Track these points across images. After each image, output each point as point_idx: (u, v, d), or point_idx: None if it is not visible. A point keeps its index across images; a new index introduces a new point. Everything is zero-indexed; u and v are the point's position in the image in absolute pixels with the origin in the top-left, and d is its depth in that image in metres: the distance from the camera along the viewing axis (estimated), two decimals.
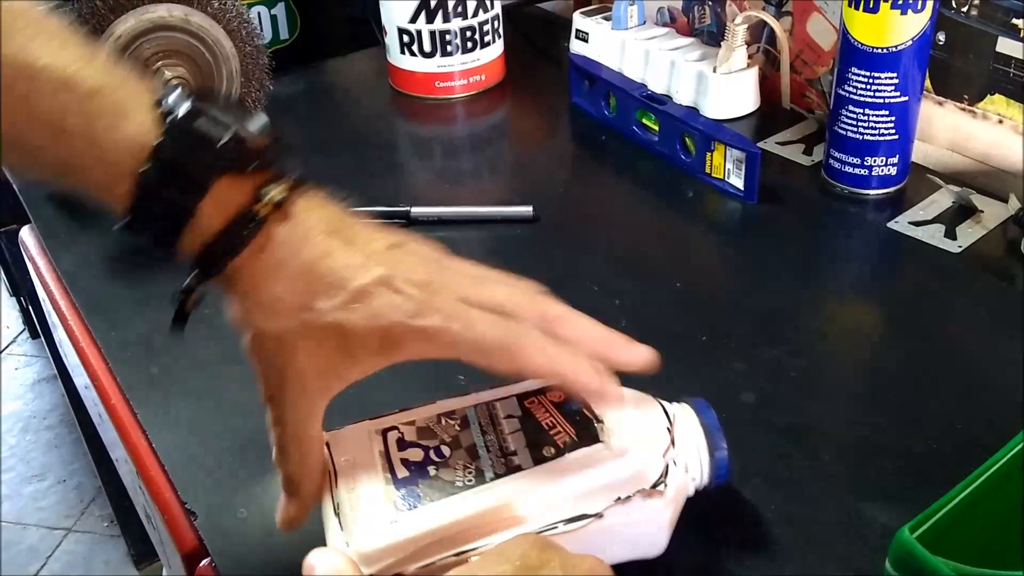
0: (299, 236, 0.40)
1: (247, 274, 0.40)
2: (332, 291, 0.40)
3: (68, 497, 1.77)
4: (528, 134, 0.93)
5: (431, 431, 0.45)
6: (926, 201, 0.73)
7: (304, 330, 0.40)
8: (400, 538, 0.40)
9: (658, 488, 0.43)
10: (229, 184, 0.39)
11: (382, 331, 0.40)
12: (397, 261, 0.41)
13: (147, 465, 0.56)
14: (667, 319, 0.64)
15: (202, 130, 0.39)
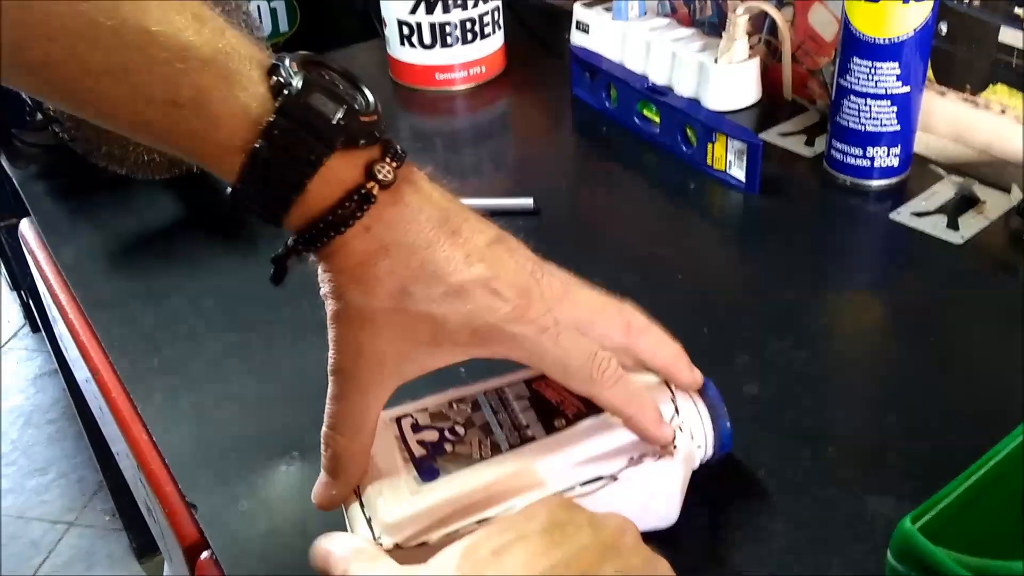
0: (406, 220, 0.40)
1: (349, 251, 0.40)
2: (432, 282, 0.40)
3: (70, 491, 1.77)
4: (529, 126, 0.92)
5: (443, 415, 0.46)
6: (928, 192, 0.73)
7: (396, 314, 0.40)
8: (422, 507, 0.41)
9: (667, 448, 0.44)
10: (340, 160, 0.39)
11: (474, 329, 0.41)
12: (497, 261, 0.41)
13: (148, 458, 0.56)
14: (668, 311, 0.64)
15: (316, 106, 0.38)
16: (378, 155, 0.40)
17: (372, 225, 0.40)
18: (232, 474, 0.54)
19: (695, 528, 0.48)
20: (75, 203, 0.80)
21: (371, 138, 0.40)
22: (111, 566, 1.62)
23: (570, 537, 0.34)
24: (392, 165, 0.40)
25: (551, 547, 0.33)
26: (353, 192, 0.39)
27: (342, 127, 0.38)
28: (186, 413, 0.58)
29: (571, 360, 0.42)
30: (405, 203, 0.40)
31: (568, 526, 0.34)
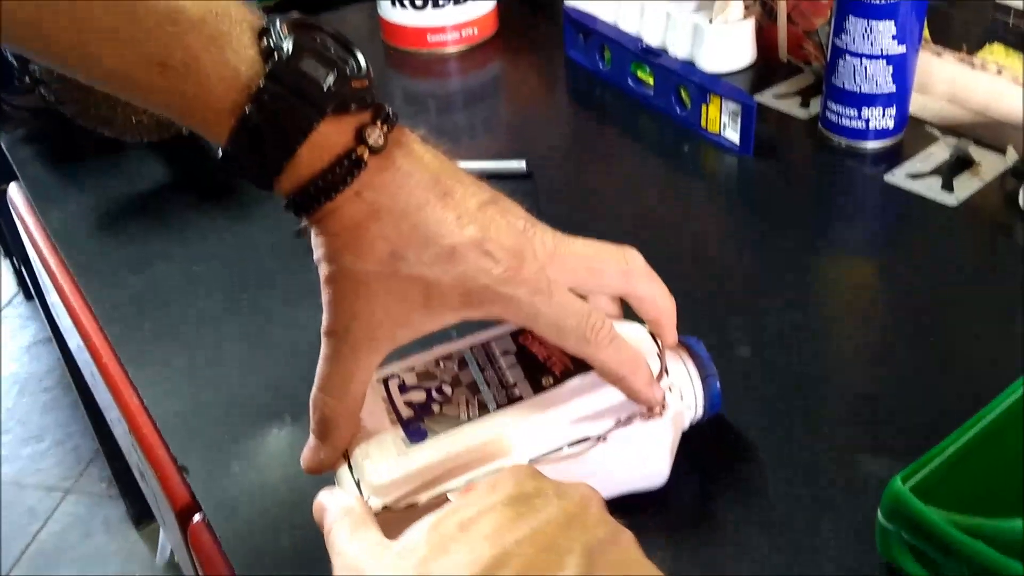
0: (397, 184, 0.40)
1: (341, 216, 0.40)
2: (423, 245, 0.40)
3: (66, 459, 1.78)
4: (522, 88, 0.92)
5: (430, 374, 0.46)
6: (923, 154, 0.73)
7: (388, 278, 0.40)
8: (410, 469, 0.41)
9: (656, 409, 0.44)
10: (331, 125, 0.38)
11: (467, 291, 0.41)
12: (489, 221, 0.41)
13: (139, 423, 0.56)
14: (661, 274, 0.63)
15: (307, 71, 0.38)
16: (369, 119, 0.39)
17: (363, 190, 0.39)
18: (223, 438, 0.54)
19: (685, 488, 0.48)
20: (63, 167, 0.79)
21: (362, 103, 0.39)
22: (108, 533, 1.63)
23: (536, 509, 0.34)
24: (383, 129, 0.39)
25: (517, 519, 0.33)
26: (343, 157, 0.39)
27: (333, 92, 0.38)
28: (177, 377, 0.58)
29: (565, 321, 0.42)
30: (396, 167, 0.40)
31: (534, 498, 0.34)
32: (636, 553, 0.34)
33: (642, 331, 0.47)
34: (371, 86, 0.40)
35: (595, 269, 0.44)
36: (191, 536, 0.51)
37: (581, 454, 0.43)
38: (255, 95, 0.37)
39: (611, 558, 0.33)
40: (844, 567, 0.44)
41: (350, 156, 0.39)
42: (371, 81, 0.40)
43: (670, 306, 0.47)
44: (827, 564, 0.44)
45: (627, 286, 0.45)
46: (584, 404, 0.44)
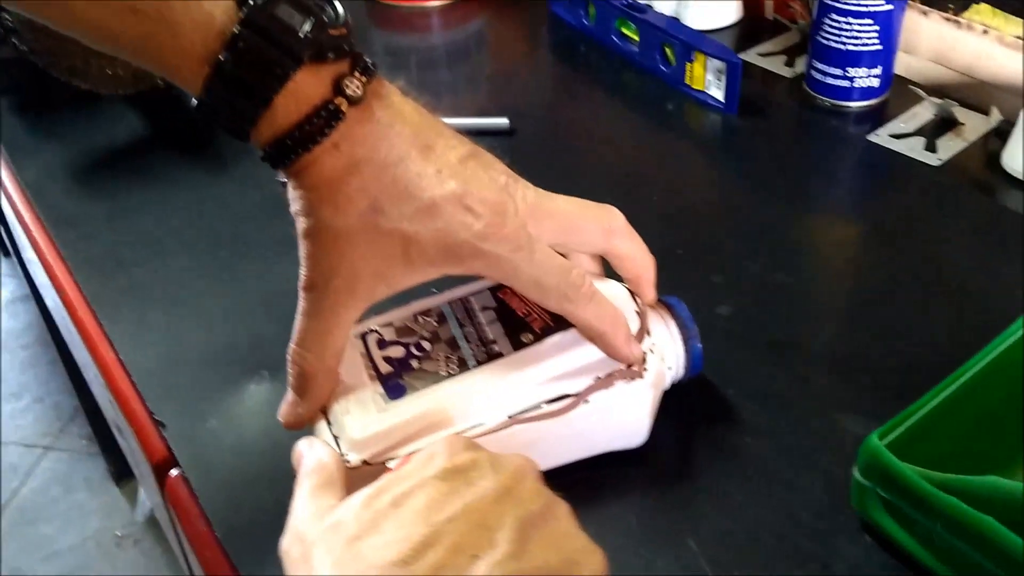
0: (376, 136, 0.39)
1: (318, 169, 0.39)
2: (403, 199, 0.39)
3: (46, 416, 1.77)
4: (506, 44, 0.90)
5: (409, 329, 0.46)
6: (907, 114, 0.72)
7: (368, 232, 0.40)
8: (389, 424, 0.41)
9: (636, 369, 0.44)
10: (308, 74, 0.37)
11: (446, 246, 0.40)
12: (470, 176, 0.40)
13: (115, 377, 0.56)
14: (643, 232, 0.63)
15: (283, 18, 0.37)
16: (347, 69, 0.39)
17: (341, 142, 0.38)
18: (200, 393, 0.53)
19: (665, 444, 0.48)
20: (37, 120, 0.78)
21: (340, 52, 0.38)
22: (88, 489, 1.63)
23: (470, 483, 0.33)
24: (362, 80, 0.38)
25: (450, 495, 0.32)
26: (321, 108, 0.38)
27: (309, 40, 0.37)
28: (154, 332, 0.58)
29: (545, 278, 0.42)
30: (375, 119, 0.39)
31: (469, 471, 0.34)
32: (570, 525, 0.34)
33: (622, 290, 0.47)
34: (349, 34, 0.39)
35: (576, 226, 0.43)
36: (168, 491, 0.51)
37: (561, 413, 0.43)
38: (229, 42, 0.37)
39: (544, 532, 0.33)
40: (819, 521, 0.44)
41: (328, 107, 0.38)
42: (349, 29, 0.39)
43: (649, 265, 0.46)
44: (803, 517, 0.44)
45: (607, 244, 0.45)
46: (564, 361, 0.44)
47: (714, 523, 0.45)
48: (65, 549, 1.54)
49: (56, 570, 1.51)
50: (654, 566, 0.43)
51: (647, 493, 0.46)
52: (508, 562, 0.31)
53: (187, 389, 0.54)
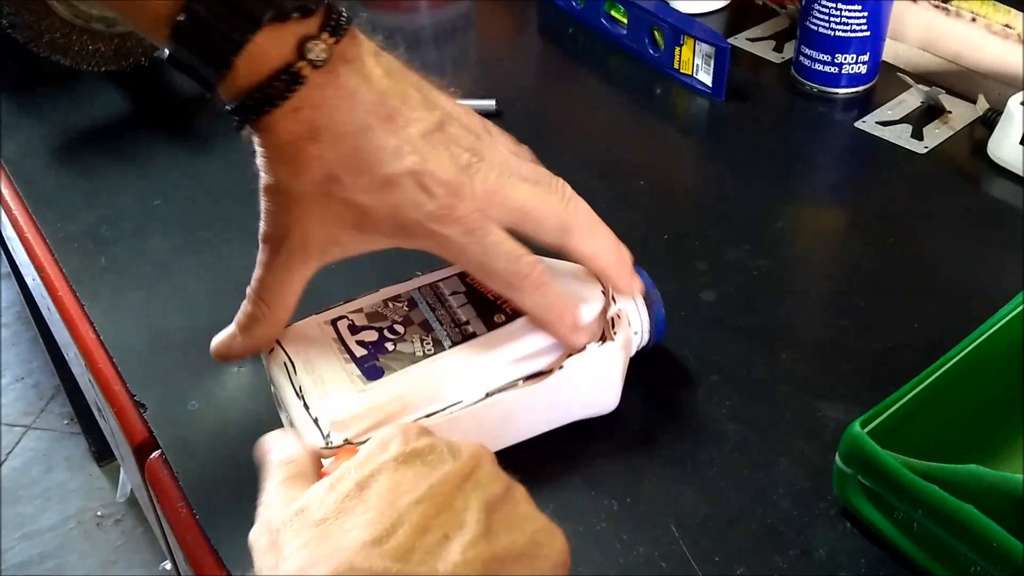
0: (337, 102, 0.38)
1: (278, 132, 0.38)
2: (359, 171, 0.39)
3: (27, 395, 1.76)
4: (494, 25, 0.90)
5: (380, 315, 0.45)
6: (894, 101, 0.72)
7: (322, 198, 0.40)
8: (369, 404, 0.41)
9: (607, 337, 0.45)
10: (271, 35, 0.37)
11: (398, 222, 0.40)
12: (431, 152, 0.39)
13: (95, 358, 0.55)
14: (629, 217, 0.63)
15: None
16: (315, 30, 0.38)
17: (301, 107, 0.38)
18: (181, 374, 0.53)
19: (647, 430, 0.48)
20: (17, 96, 0.77)
21: (305, 11, 0.37)
22: (69, 469, 1.63)
23: (431, 467, 0.33)
24: (329, 41, 0.38)
25: (414, 477, 0.32)
26: (282, 71, 0.37)
27: (268, 3, 0.37)
28: (134, 312, 0.57)
29: (493, 264, 0.41)
30: (339, 84, 0.38)
31: (427, 455, 0.34)
32: (529, 507, 0.34)
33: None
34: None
35: (530, 219, 0.42)
36: (148, 472, 0.50)
37: (538, 380, 0.44)
38: (185, 5, 0.36)
39: (506, 514, 0.33)
40: (800, 507, 0.44)
41: (289, 70, 0.37)
42: None
43: (614, 260, 0.46)
44: (784, 503, 0.45)
45: (562, 242, 0.44)
46: (538, 338, 0.44)
47: (695, 508, 0.45)
48: (45, 528, 1.53)
49: (36, 549, 1.50)
50: (635, 551, 0.43)
51: (628, 478, 0.46)
52: (480, 542, 0.31)
53: (168, 370, 0.53)
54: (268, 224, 0.42)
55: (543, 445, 0.48)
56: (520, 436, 0.46)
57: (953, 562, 0.39)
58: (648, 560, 0.43)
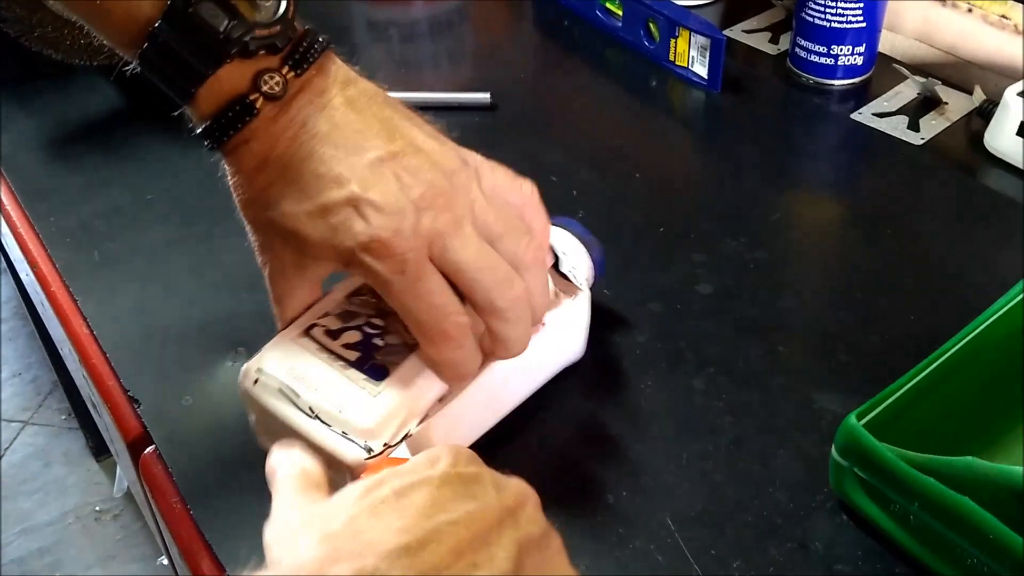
0: (288, 134, 0.39)
1: (234, 160, 0.40)
2: (301, 198, 0.39)
3: (24, 390, 1.76)
4: (488, 18, 0.89)
5: (351, 313, 0.44)
6: (891, 92, 0.72)
7: (273, 226, 0.40)
8: (390, 404, 0.40)
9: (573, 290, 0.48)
10: (231, 69, 0.38)
11: (336, 250, 0.39)
12: (377, 181, 0.38)
13: (89, 353, 0.55)
14: (625, 210, 0.63)
15: (204, 17, 0.37)
16: (276, 64, 0.38)
17: (252, 139, 0.39)
18: (175, 369, 0.53)
19: (642, 422, 0.48)
20: (10, 90, 0.76)
21: (271, 49, 0.38)
22: (67, 464, 1.62)
23: (474, 494, 0.32)
24: (288, 75, 0.38)
25: (454, 499, 0.31)
26: (236, 103, 0.38)
27: (232, 40, 0.37)
28: (128, 307, 0.57)
29: (417, 312, 0.39)
30: (291, 116, 0.39)
31: (472, 483, 0.33)
32: (562, 559, 0.33)
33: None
34: (286, 29, 0.39)
35: (466, 281, 0.40)
36: (143, 468, 0.50)
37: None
38: (150, 36, 0.37)
39: (538, 559, 0.32)
40: (797, 499, 0.44)
41: (242, 102, 0.38)
42: (287, 24, 0.39)
43: (510, 353, 0.43)
44: (780, 496, 0.44)
45: (477, 312, 0.41)
46: None
47: (692, 501, 0.45)
48: (44, 523, 1.53)
49: (35, 544, 1.50)
50: (631, 544, 0.43)
51: (623, 472, 0.46)
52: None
53: (162, 365, 0.53)
54: (256, 250, 0.43)
55: (538, 439, 0.48)
56: (516, 399, 0.47)
57: (950, 554, 0.39)
58: (644, 554, 0.43)
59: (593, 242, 0.52)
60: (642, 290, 0.56)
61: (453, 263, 0.39)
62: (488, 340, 0.42)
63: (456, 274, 0.40)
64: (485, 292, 0.40)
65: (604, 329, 0.53)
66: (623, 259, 0.58)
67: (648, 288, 0.56)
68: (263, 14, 0.38)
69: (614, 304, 0.55)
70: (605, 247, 0.52)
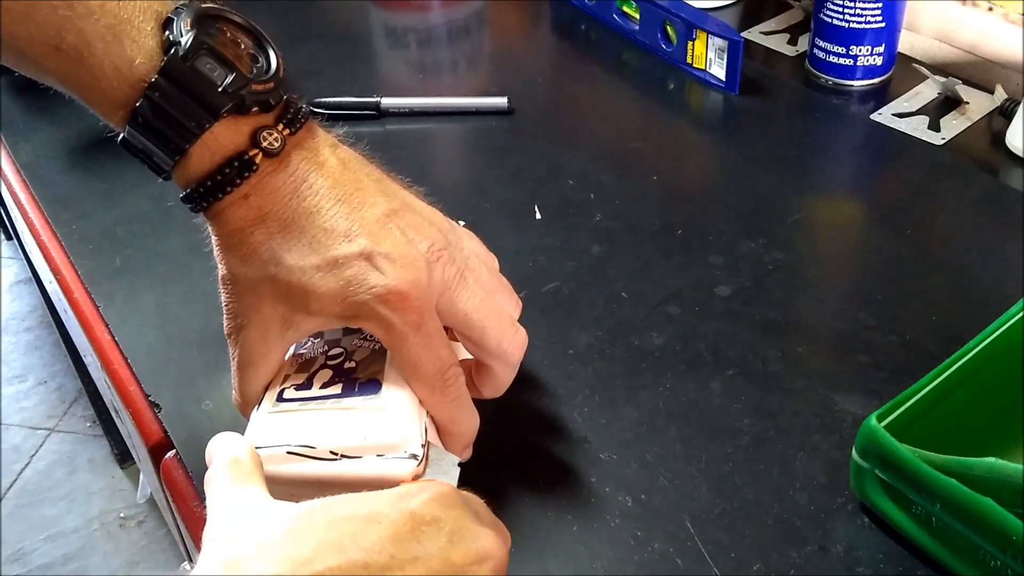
0: (288, 188, 0.38)
1: (228, 218, 0.39)
2: (306, 253, 0.38)
3: (50, 398, 1.77)
4: (506, 22, 0.89)
5: (306, 361, 0.43)
6: (911, 92, 0.72)
7: (272, 282, 0.39)
8: (403, 411, 0.39)
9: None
10: (226, 125, 0.37)
11: (346, 302, 0.38)
12: (386, 236, 0.39)
13: (111, 358, 0.55)
14: (644, 213, 0.63)
15: (203, 71, 0.37)
16: (271, 121, 0.38)
17: (251, 194, 0.38)
18: (196, 374, 0.53)
19: (659, 424, 0.48)
20: (31, 99, 0.77)
21: (265, 105, 0.38)
22: (92, 471, 1.64)
23: (419, 539, 0.31)
24: (284, 132, 0.38)
25: (395, 541, 0.31)
26: (234, 159, 0.38)
27: (229, 95, 0.37)
28: (149, 313, 0.57)
29: (425, 365, 0.39)
30: (290, 171, 0.39)
31: (428, 525, 0.32)
32: None
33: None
34: (278, 87, 0.39)
35: (475, 329, 0.41)
36: (164, 472, 0.50)
37: None
38: (146, 90, 0.36)
39: None
40: (817, 502, 0.44)
41: (241, 158, 0.38)
42: (279, 81, 0.39)
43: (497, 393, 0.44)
44: (801, 498, 0.44)
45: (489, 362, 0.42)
46: None
47: (711, 504, 0.44)
48: (69, 530, 1.55)
49: (60, 551, 1.52)
50: (650, 547, 0.43)
51: (642, 474, 0.46)
52: None
53: (183, 371, 0.53)
54: (228, 318, 0.41)
55: (555, 443, 0.48)
56: None
57: (973, 557, 0.38)
58: (663, 557, 0.42)
59: None
60: (660, 292, 0.56)
61: (463, 312, 0.40)
62: (477, 382, 0.43)
63: (464, 323, 0.41)
64: (496, 338, 0.41)
65: (623, 331, 0.53)
66: (641, 261, 0.58)
67: (666, 290, 0.56)
68: (259, 67, 0.39)
69: (632, 306, 0.55)
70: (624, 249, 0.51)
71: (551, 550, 0.43)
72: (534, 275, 0.58)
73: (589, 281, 0.57)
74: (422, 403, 0.41)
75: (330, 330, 0.44)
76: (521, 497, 0.45)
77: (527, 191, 0.64)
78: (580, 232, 0.61)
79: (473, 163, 0.71)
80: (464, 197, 0.65)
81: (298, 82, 0.76)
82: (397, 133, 0.73)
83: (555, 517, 0.44)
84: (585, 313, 0.55)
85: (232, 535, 0.32)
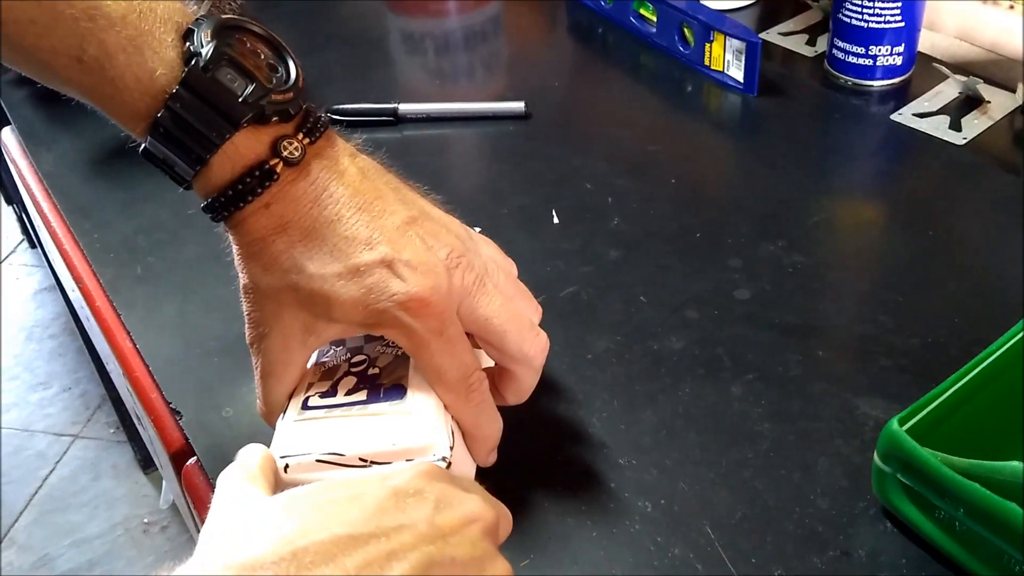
0: (309, 197, 0.39)
1: (249, 227, 0.39)
2: (328, 261, 0.39)
3: (74, 404, 1.79)
4: (523, 27, 0.89)
5: (329, 369, 0.43)
6: (931, 92, 0.71)
7: (293, 290, 0.39)
8: (430, 410, 0.40)
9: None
10: (247, 135, 0.38)
11: (368, 310, 0.39)
12: (406, 244, 0.39)
13: (132, 366, 0.56)
14: (662, 216, 0.63)
15: (224, 82, 0.37)
16: (291, 131, 0.39)
17: (272, 202, 0.38)
18: (216, 381, 0.53)
19: (679, 431, 0.48)
20: (53, 110, 0.78)
21: (285, 115, 0.38)
22: (116, 477, 1.65)
23: (403, 510, 0.31)
24: (304, 141, 0.39)
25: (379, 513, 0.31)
26: (255, 168, 0.38)
27: (249, 105, 0.37)
28: (170, 320, 0.58)
29: (448, 369, 0.40)
30: (311, 179, 0.39)
31: (412, 497, 0.32)
32: None
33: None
34: (298, 97, 0.39)
35: (496, 334, 0.41)
36: (185, 479, 0.51)
37: None
38: (167, 101, 0.37)
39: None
40: (838, 506, 0.44)
41: (262, 167, 0.38)
42: (299, 91, 0.39)
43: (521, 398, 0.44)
44: (822, 503, 0.44)
45: (512, 366, 0.42)
46: None
47: (731, 509, 0.44)
48: (94, 536, 1.56)
49: (85, 556, 1.53)
50: (670, 553, 0.43)
51: (662, 480, 0.46)
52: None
53: (203, 378, 0.54)
54: (249, 327, 0.41)
55: (574, 448, 0.48)
56: None
57: (997, 562, 0.38)
58: (683, 562, 0.42)
59: None
60: (679, 296, 0.56)
61: (484, 318, 0.41)
62: (501, 388, 0.43)
63: (485, 328, 0.41)
64: (517, 342, 0.41)
65: (641, 336, 0.53)
66: (659, 265, 0.58)
67: (685, 294, 0.56)
68: (279, 77, 0.39)
69: (650, 310, 0.55)
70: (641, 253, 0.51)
71: (571, 556, 0.43)
72: (552, 280, 0.57)
73: (607, 286, 0.57)
74: (447, 408, 0.41)
75: (352, 337, 0.44)
76: (541, 502, 0.45)
77: (544, 195, 0.64)
78: (597, 236, 0.61)
79: (490, 168, 0.71)
80: (481, 202, 0.65)
81: (316, 89, 0.76)
82: (415, 139, 0.73)
83: (575, 522, 0.44)
84: (603, 318, 0.55)
85: (221, 527, 0.32)
